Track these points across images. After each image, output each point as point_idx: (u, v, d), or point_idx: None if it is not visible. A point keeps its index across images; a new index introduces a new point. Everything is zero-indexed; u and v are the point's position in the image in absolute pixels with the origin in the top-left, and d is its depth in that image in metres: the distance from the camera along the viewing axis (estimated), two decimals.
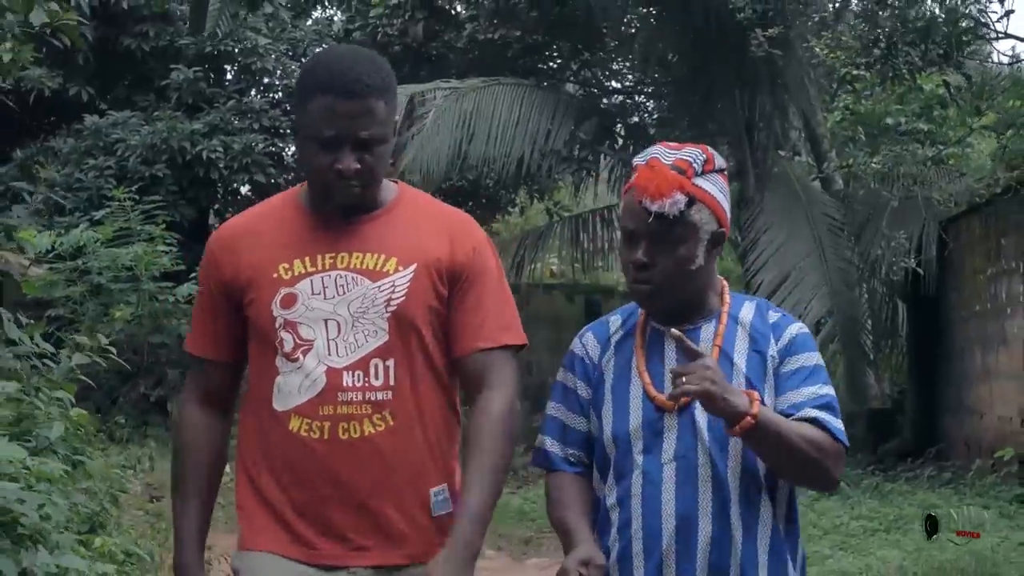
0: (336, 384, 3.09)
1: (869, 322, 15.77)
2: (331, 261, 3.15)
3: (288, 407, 3.12)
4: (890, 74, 12.78)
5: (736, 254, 16.66)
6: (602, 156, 17.12)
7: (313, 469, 3.10)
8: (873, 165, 13.12)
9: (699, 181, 3.09)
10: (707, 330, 3.15)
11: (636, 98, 19.71)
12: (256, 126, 18.31)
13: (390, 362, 3.12)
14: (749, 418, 2.92)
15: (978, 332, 13.67)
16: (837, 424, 3.06)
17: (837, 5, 11.49)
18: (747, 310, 3.20)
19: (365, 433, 3.08)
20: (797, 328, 3.18)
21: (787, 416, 3.04)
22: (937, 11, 12.21)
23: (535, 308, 18.85)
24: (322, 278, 3.15)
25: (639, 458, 3.10)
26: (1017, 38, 14.48)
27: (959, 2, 12.30)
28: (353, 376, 3.10)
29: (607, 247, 17.97)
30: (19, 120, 16.92)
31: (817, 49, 11.16)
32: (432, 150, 15.25)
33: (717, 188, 3.13)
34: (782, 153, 16.49)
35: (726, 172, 3.20)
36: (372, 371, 3.10)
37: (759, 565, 3.06)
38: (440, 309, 3.18)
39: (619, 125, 17.76)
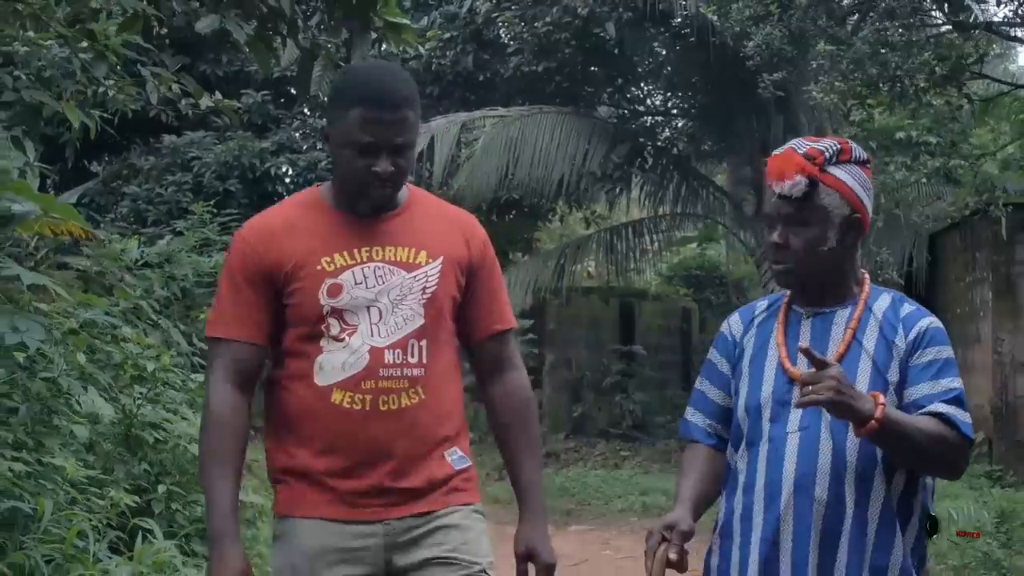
0: (378, 361, 3.28)
1: None
2: (367, 254, 3.33)
3: (331, 382, 3.27)
4: (898, 94, 13.82)
5: (753, 260, 17.91)
6: (633, 175, 18.07)
7: (354, 436, 3.27)
8: None
9: (831, 169, 3.16)
10: (842, 315, 3.20)
11: (665, 116, 20.59)
12: (319, 145, 19.06)
13: (423, 342, 3.33)
14: (873, 422, 2.93)
15: (959, 332, 14.53)
16: (963, 418, 3.06)
17: (839, 49, 12.46)
18: (883, 301, 3.23)
19: (402, 405, 3.29)
20: (928, 321, 3.18)
21: (919, 407, 3.08)
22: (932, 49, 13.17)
23: (575, 310, 19.80)
24: (362, 269, 3.32)
25: (767, 426, 3.17)
26: (992, 79, 15.68)
27: (952, 41, 13.16)
28: (393, 354, 3.29)
29: (638, 254, 18.84)
30: (102, 139, 17.99)
31: (815, 92, 12.23)
32: (482, 173, 16.30)
33: (851, 176, 3.18)
34: None
35: (869, 165, 3.25)
36: (409, 350, 3.31)
37: (868, 534, 3.08)
38: (457, 297, 3.43)
39: (648, 147, 18.58)
